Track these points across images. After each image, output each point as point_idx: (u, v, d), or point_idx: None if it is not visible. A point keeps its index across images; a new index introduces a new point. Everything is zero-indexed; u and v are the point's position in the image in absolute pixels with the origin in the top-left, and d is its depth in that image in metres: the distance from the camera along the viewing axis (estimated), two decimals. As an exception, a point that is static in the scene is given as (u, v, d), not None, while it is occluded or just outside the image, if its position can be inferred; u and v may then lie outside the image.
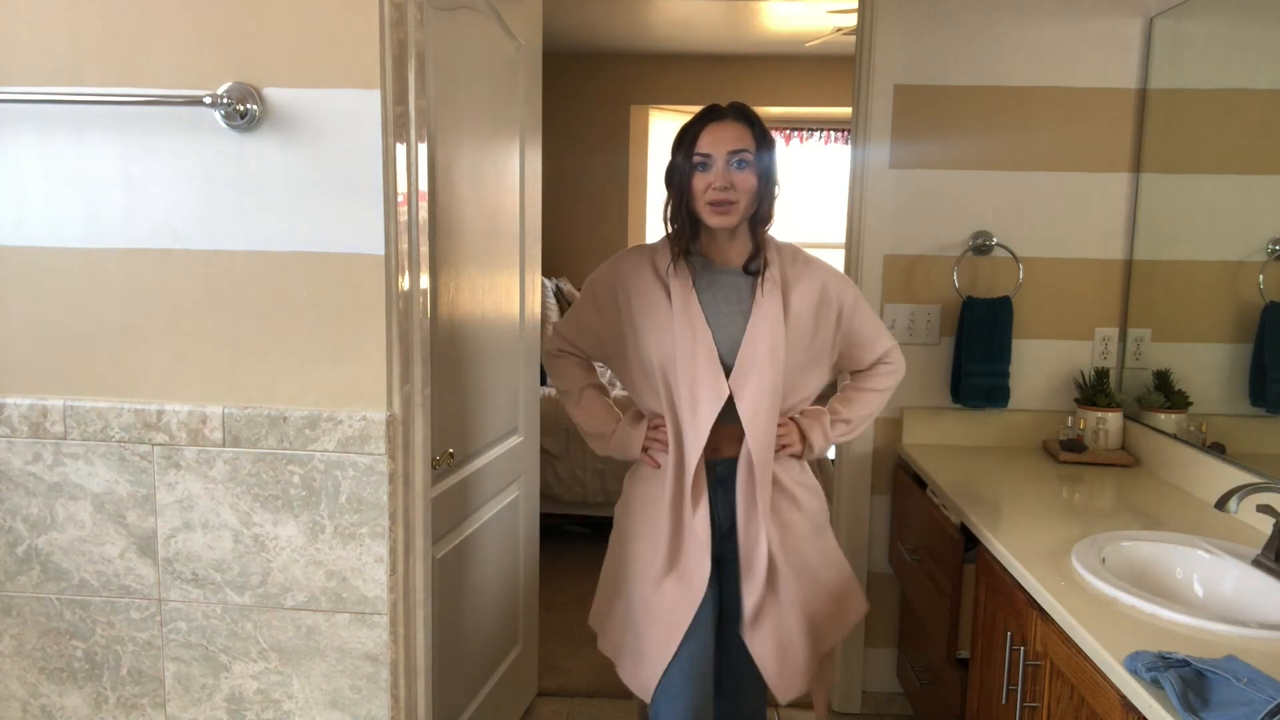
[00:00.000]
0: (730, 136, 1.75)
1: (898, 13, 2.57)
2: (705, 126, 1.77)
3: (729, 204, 1.75)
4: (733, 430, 1.80)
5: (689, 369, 1.78)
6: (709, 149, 1.75)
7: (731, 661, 1.92)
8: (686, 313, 1.80)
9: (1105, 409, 2.54)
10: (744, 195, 1.76)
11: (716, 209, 1.75)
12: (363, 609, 1.71)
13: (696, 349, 1.78)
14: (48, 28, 1.63)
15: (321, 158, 1.62)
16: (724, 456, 1.83)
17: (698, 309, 1.80)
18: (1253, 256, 2.19)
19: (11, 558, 1.76)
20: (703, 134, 1.77)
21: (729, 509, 1.85)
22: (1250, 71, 2.23)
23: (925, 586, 2.33)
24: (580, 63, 6.08)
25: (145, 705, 1.78)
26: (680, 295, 1.81)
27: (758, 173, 1.77)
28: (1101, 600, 1.56)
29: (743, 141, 1.75)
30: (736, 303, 1.83)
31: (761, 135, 1.79)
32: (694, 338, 1.78)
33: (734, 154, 1.74)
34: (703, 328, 1.79)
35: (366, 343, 1.66)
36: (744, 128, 1.77)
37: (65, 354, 1.71)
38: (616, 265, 1.91)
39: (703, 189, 1.76)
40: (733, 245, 1.84)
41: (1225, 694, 1.22)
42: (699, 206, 1.78)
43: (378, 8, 1.58)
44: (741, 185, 1.75)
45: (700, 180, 1.76)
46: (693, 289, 1.81)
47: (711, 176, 1.75)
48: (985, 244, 2.64)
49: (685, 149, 1.78)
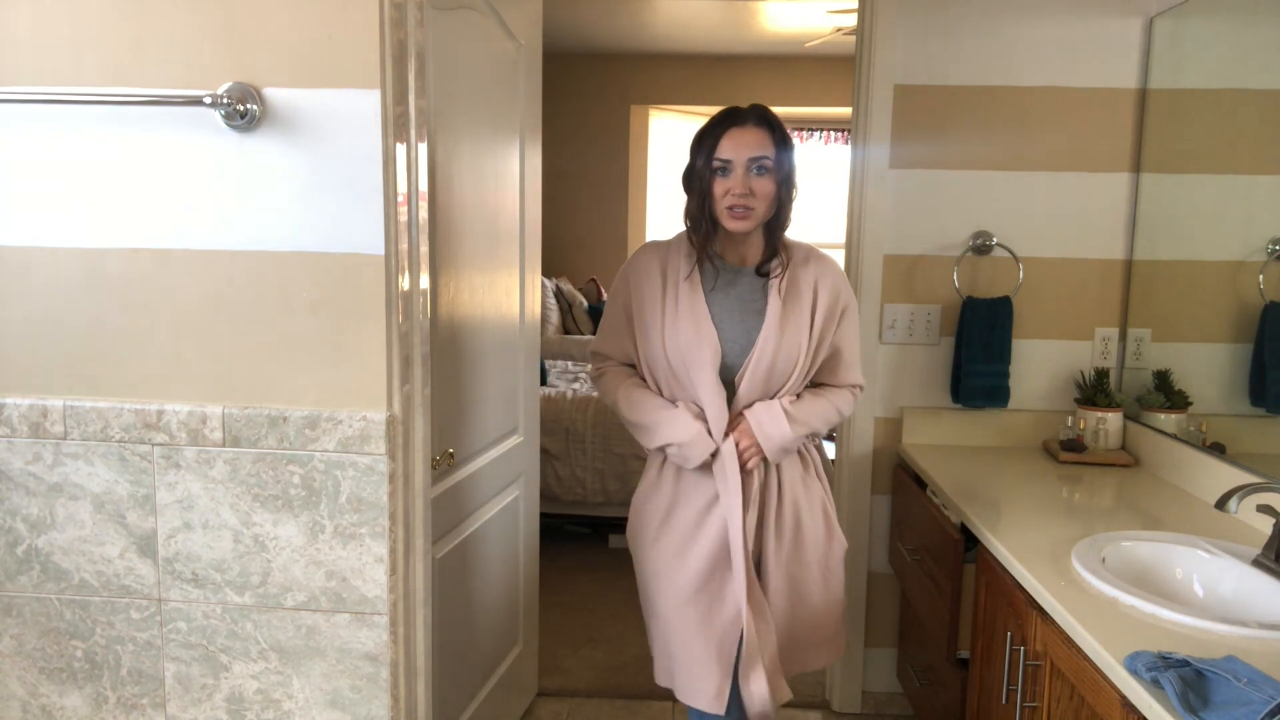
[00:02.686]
0: (751, 142, 1.75)
1: (898, 13, 2.57)
2: (726, 130, 1.77)
3: (748, 210, 1.76)
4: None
5: (694, 368, 1.80)
6: (729, 154, 1.75)
7: None
8: (693, 314, 1.81)
9: (1105, 409, 2.54)
10: (762, 202, 1.77)
11: (735, 214, 1.76)
12: (363, 609, 1.71)
13: (702, 349, 1.79)
14: (48, 28, 1.63)
15: (321, 158, 1.62)
16: None
17: (704, 310, 1.82)
18: (1253, 256, 2.19)
19: (11, 558, 1.76)
20: (724, 138, 1.77)
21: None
22: (1250, 71, 2.23)
23: (925, 586, 2.33)
24: (580, 63, 6.08)
25: (145, 705, 1.78)
26: (689, 296, 1.82)
27: (777, 179, 1.78)
28: (1101, 600, 1.56)
29: (763, 147, 1.76)
30: (750, 303, 1.84)
31: (782, 140, 1.79)
32: (699, 339, 1.80)
33: (754, 160, 1.75)
34: (708, 329, 1.80)
35: (366, 343, 1.66)
36: (764, 133, 1.77)
37: (65, 354, 1.71)
38: (630, 264, 1.93)
39: (722, 194, 1.77)
40: (748, 246, 1.86)
41: (1225, 694, 1.22)
42: (718, 211, 1.79)
43: (378, 8, 1.58)
44: (760, 191, 1.76)
45: (720, 185, 1.77)
46: (700, 290, 1.83)
47: (731, 182, 1.75)
48: (985, 244, 2.64)
49: (705, 153, 1.78)
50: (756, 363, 1.81)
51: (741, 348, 1.82)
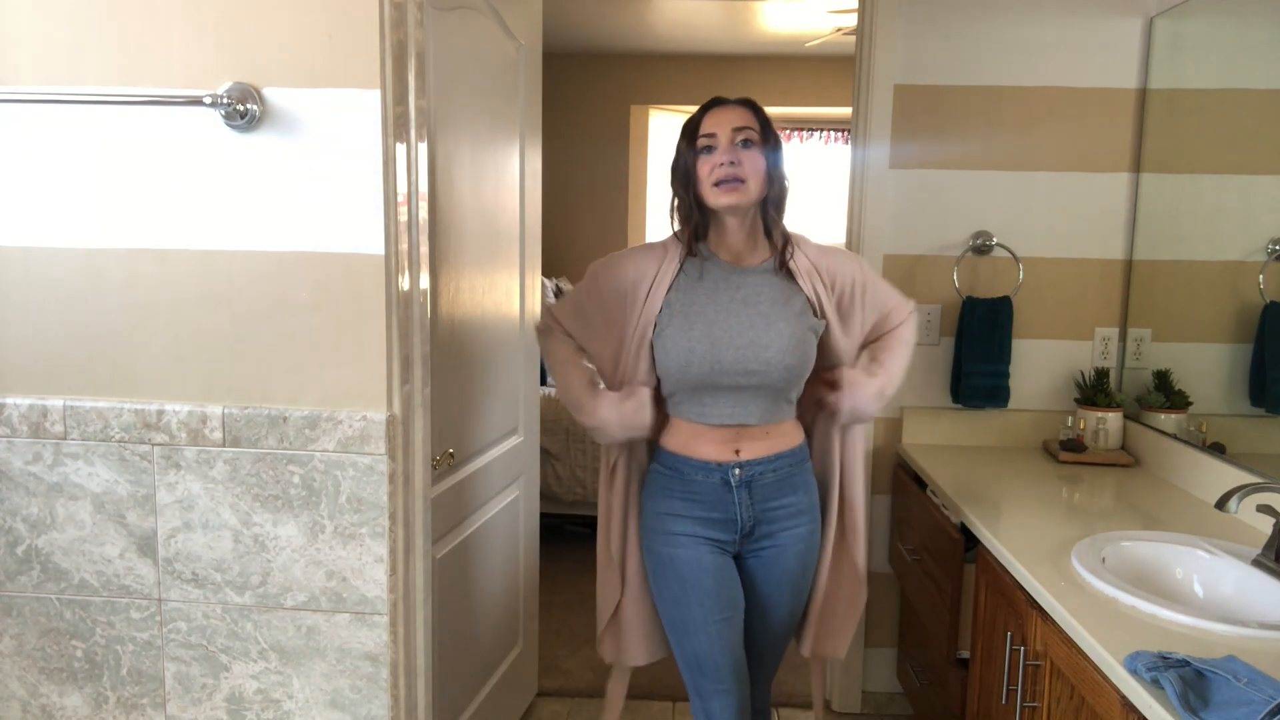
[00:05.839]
0: (734, 116, 1.71)
1: (898, 13, 2.57)
2: (708, 111, 1.74)
3: (738, 181, 1.69)
4: (753, 431, 1.80)
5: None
6: (713, 128, 1.71)
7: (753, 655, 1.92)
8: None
9: (1105, 409, 2.54)
10: (752, 175, 1.70)
11: (725, 188, 1.69)
12: (363, 609, 1.71)
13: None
14: (48, 27, 1.63)
15: (321, 158, 1.62)
16: (745, 459, 1.81)
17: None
18: (1253, 256, 2.19)
19: (11, 558, 1.76)
20: (706, 118, 1.73)
21: (749, 509, 1.82)
22: (1250, 71, 2.23)
23: (925, 586, 2.32)
24: (580, 63, 6.08)
25: (145, 705, 1.78)
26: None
27: (765, 155, 1.72)
28: (1101, 600, 1.56)
29: (746, 120, 1.71)
30: (756, 304, 1.76)
31: (766, 123, 1.75)
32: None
33: (739, 131, 1.70)
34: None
35: (366, 342, 1.66)
36: (747, 110, 1.73)
37: (65, 354, 1.71)
38: (623, 260, 1.85)
39: (708, 171, 1.71)
40: (745, 241, 1.79)
41: (1225, 694, 1.22)
42: (705, 191, 1.72)
43: (378, 8, 1.58)
44: (749, 162, 1.69)
45: (705, 163, 1.71)
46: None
47: (717, 156, 1.70)
48: (985, 244, 2.64)
49: (689, 137, 1.75)
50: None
51: (753, 350, 1.74)
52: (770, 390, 1.78)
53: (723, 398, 1.78)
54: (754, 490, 1.81)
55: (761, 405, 1.79)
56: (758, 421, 1.79)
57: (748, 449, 1.80)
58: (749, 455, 1.80)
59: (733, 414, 1.78)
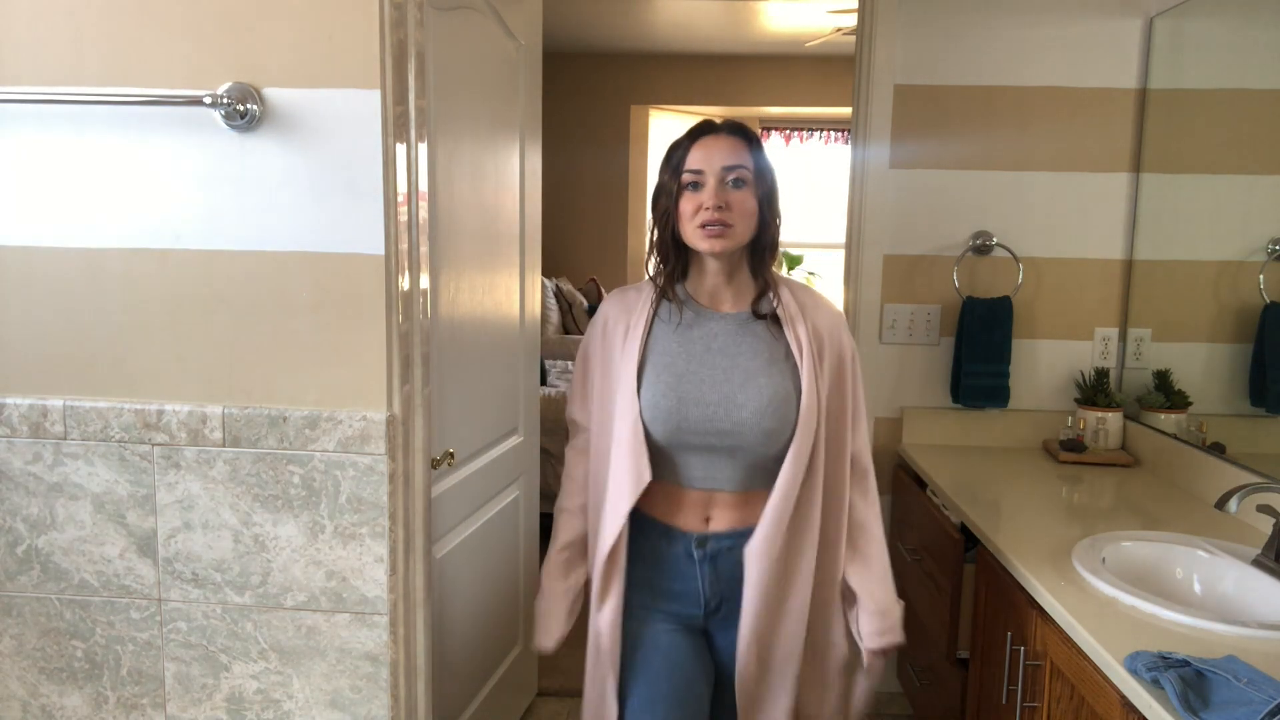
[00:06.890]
0: (724, 149, 1.51)
1: (898, 13, 2.57)
2: (696, 140, 1.54)
3: (724, 226, 1.50)
4: (725, 498, 1.59)
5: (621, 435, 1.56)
6: (700, 164, 1.51)
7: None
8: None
9: (1105, 409, 2.54)
10: (741, 219, 1.51)
11: (709, 232, 1.50)
12: (363, 609, 1.71)
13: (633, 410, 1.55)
14: (48, 27, 1.63)
15: (321, 158, 1.62)
16: (713, 529, 1.59)
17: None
18: (1253, 256, 2.19)
19: (11, 558, 1.76)
20: (693, 149, 1.53)
21: (714, 585, 1.62)
22: (1250, 71, 2.23)
23: (925, 586, 2.32)
24: (580, 63, 6.08)
25: (145, 705, 1.78)
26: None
27: (757, 194, 1.53)
28: (1101, 600, 1.56)
29: (739, 157, 1.51)
30: (734, 355, 1.56)
31: (759, 151, 1.56)
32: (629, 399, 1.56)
33: (729, 170, 1.50)
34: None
35: (366, 342, 1.66)
36: (739, 142, 1.53)
37: (65, 354, 1.71)
38: (595, 318, 1.69)
39: (693, 211, 1.51)
40: (729, 286, 1.59)
41: (1225, 694, 1.22)
42: (688, 232, 1.53)
43: (378, 8, 1.58)
44: (739, 206, 1.51)
45: (690, 201, 1.52)
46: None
47: (703, 196, 1.50)
48: (985, 244, 2.64)
49: (673, 169, 1.55)
50: (804, 425, 1.53)
51: (725, 408, 1.53)
52: (746, 453, 1.55)
53: (692, 459, 1.57)
54: (719, 566, 1.59)
55: (737, 470, 1.57)
56: (732, 488, 1.57)
57: (718, 518, 1.59)
58: (718, 526, 1.59)
59: (704, 477, 1.58)
